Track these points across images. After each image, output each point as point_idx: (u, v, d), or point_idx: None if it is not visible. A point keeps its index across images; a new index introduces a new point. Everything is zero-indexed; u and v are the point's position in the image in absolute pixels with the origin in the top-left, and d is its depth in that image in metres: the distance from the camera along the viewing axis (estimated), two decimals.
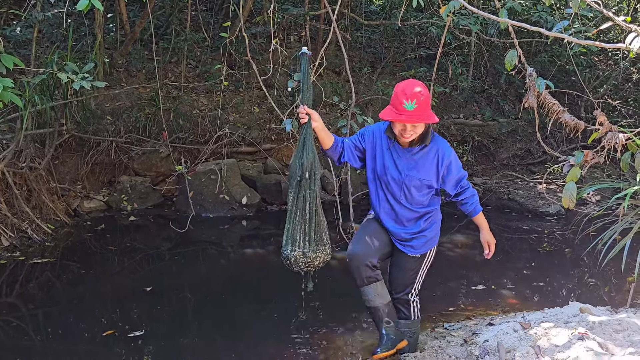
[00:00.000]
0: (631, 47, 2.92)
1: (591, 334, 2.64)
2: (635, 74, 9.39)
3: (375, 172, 2.88)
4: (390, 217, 2.90)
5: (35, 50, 5.57)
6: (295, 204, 2.67)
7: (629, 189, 3.66)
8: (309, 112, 2.67)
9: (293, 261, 2.69)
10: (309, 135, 2.68)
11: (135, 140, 6.52)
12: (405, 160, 2.81)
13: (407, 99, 2.61)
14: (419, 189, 2.82)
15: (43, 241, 5.03)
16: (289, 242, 2.68)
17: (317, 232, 2.69)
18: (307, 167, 2.65)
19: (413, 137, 2.71)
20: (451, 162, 2.82)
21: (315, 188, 2.68)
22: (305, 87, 2.69)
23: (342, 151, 2.86)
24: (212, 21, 8.11)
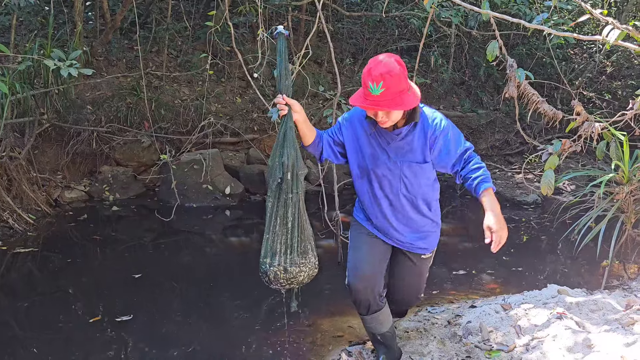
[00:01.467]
0: (607, 39, 3.03)
1: (569, 314, 2.76)
2: (609, 67, 9.63)
3: (362, 166, 2.46)
4: (391, 218, 2.48)
5: (14, 37, 5.48)
6: (275, 210, 2.26)
7: (603, 176, 3.80)
8: (288, 103, 2.27)
9: (272, 277, 2.28)
10: (289, 128, 2.28)
11: (116, 130, 6.47)
12: (396, 144, 2.39)
13: (372, 81, 2.17)
14: (420, 174, 2.42)
15: (25, 231, 4.99)
16: (268, 254, 2.27)
17: (301, 242, 2.28)
18: (288, 167, 2.24)
19: (388, 123, 2.30)
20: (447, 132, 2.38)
21: (299, 191, 2.27)
22: (283, 72, 2.29)
23: (322, 147, 2.48)
24: (193, 10, 8.06)
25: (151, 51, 7.63)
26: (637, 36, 3.14)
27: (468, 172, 2.37)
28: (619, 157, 3.67)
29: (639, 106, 3.39)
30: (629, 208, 3.83)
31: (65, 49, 5.63)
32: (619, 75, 9.72)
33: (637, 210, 3.87)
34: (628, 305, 2.89)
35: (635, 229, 3.96)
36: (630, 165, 3.74)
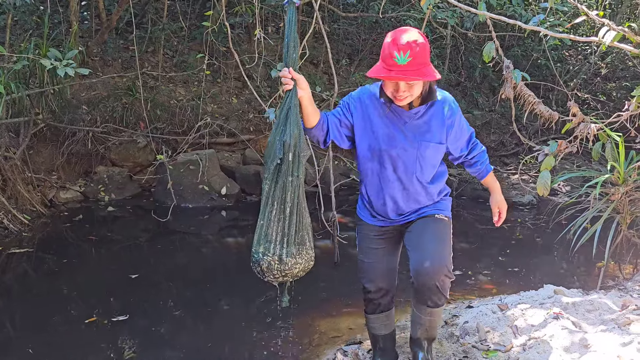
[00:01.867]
0: (603, 40, 3.05)
1: (565, 314, 2.77)
2: (603, 68, 9.68)
3: (375, 148, 2.27)
4: (401, 202, 2.34)
5: (9, 37, 5.45)
6: (272, 194, 2.08)
7: (599, 177, 3.82)
8: (294, 77, 2.08)
9: (265, 268, 2.09)
10: (293, 106, 2.09)
11: (112, 130, 6.45)
12: (414, 124, 2.25)
13: (399, 50, 2.03)
14: (434, 156, 2.31)
15: (20, 231, 4.97)
16: (262, 243, 2.08)
17: (299, 232, 2.10)
18: (290, 147, 2.06)
19: (408, 99, 2.16)
20: (460, 116, 2.34)
21: (300, 174, 2.08)
22: (292, 44, 2.10)
23: (328, 129, 2.28)
24: (189, 10, 8.05)
25: (147, 51, 7.61)
26: (632, 37, 3.15)
27: (475, 155, 2.43)
28: (614, 158, 3.68)
29: (634, 107, 3.40)
30: (624, 209, 3.84)
31: (60, 49, 5.61)
32: (614, 76, 9.77)
33: (632, 211, 3.88)
34: (624, 305, 2.90)
35: (631, 230, 3.98)
36: (625, 166, 3.75)
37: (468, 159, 2.44)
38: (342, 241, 4.46)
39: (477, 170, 2.46)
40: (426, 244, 2.27)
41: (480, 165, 2.44)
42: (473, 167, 2.47)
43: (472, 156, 2.43)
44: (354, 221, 2.60)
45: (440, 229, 2.33)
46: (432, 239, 2.28)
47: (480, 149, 2.44)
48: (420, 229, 2.33)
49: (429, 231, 2.30)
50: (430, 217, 2.34)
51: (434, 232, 2.31)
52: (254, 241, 2.12)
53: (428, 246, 2.26)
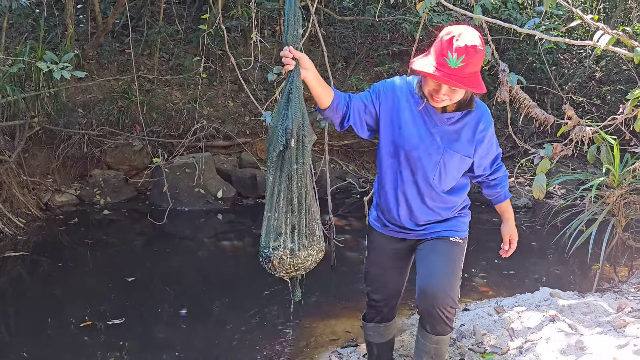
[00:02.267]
0: (598, 44, 3.07)
1: (561, 316, 2.78)
2: (598, 72, 9.73)
3: (398, 144, 2.10)
4: (416, 208, 2.16)
5: (4, 40, 5.44)
6: (277, 184, 1.95)
7: (594, 180, 3.83)
8: (296, 56, 1.90)
9: (277, 263, 1.98)
10: (295, 87, 1.92)
11: (107, 134, 6.43)
12: (445, 129, 2.08)
13: (454, 52, 1.86)
14: (458, 167, 2.13)
15: (15, 235, 4.95)
16: (271, 237, 1.97)
17: (309, 222, 1.98)
18: (292, 132, 1.91)
19: (445, 103, 2.01)
20: (492, 133, 2.17)
21: (305, 161, 1.95)
22: (292, 20, 1.92)
23: (347, 112, 2.08)
24: (185, 14, 8.05)
25: (143, 54, 7.61)
26: (627, 41, 3.17)
27: (497, 178, 2.24)
28: (609, 161, 3.70)
29: (629, 111, 3.43)
30: (619, 211, 3.86)
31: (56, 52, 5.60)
32: (608, 80, 9.82)
33: (627, 214, 3.90)
34: (619, 307, 2.92)
35: (626, 232, 4.00)
36: (620, 169, 3.77)
37: (488, 180, 2.24)
38: (338, 244, 4.46)
39: (496, 193, 2.25)
40: (433, 270, 2.12)
41: (500, 189, 2.24)
42: (492, 189, 2.26)
43: (494, 178, 2.23)
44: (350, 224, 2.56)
45: (452, 254, 2.16)
46: (441, 265, 2.12)
47: (503, 172, 2.25)
48: (430, 252, 2.17)
49: (438, 256, 2.14)
50: (443, 240, 2.17)
51: (444, 258, 2.14)
52: (262, 235, 2.00)
53: (435, 273, 2.11)
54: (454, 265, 2.15)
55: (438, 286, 2.07)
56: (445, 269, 2.11)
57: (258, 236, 2.08)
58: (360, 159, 7.86)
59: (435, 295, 2.06)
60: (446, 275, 2.11)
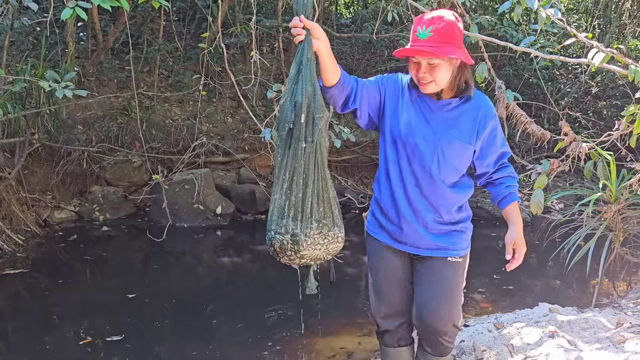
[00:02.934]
0: (593, 62, 3.12)
1: (561, 332, 2.79)
2: (594, 87, 9.82)
3: (394, 133, 2.03)
4: (415, 199, 2.03)
5: (6, 58, 5.49)
6: (284, 164, 1.82)
7: (591, 195, 3.86)
8: (307, 25, 1.79)
9: (278, 248, 1.82)
10: (307, 59, 1.79)
11: (107, 150, 6.46)
12: (441, 116, 2.01)
13: (421, 25, 1.88)
14: (457, 156, 2.02)
15: (14, 252, 4.95)
16: (273, 219, 1.84)
17: (319, 206, 1.83)
18: (302, 107, 1.78)
19: (432, 87, 1.94)
20: (497, 126, 2.05)
21: (315, 139, 1.80)
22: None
23: (354, 93, 1.97)
24: (185, 31, 8.13)
25: (142, 71, 7.67)
26: (621, 59, 3.22)
27: (503, 177, 2.09)
28: (606, 177, 3.74)
29: (624, 127, 3.47)
30: (617, 226, 3.88)
31: (57, 70, 5.65)
32: (604, 95, 9.91)
33: (625, 229, 3.92)
34: (618, 323, 2.92)
35: (624, 247, 4.02)
36: (617, 184, 3.80)
37: (493, 178, 2.11)
38: (337, 260, 4.46)
39: (501, 193, 2.08)
40: (432, 297, 2.03)
41: (505, 189, 2.07)
42: (496, 188, 2.10)
43: (499, 177, 2.09)
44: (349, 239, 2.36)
45: (451, 277, 2.05)
46: (440, 291, 2.03)
47: (509, 173, 2.10)
48: (428, 276, 2.06)
49: (437, 282, 2.04)
50: (441, 261, 2.06)
51: (443, 283, 2.04)
52: (268, 217, 1.87)
53: (433, 300, 2.02)
54: (453, 289, 2.06)
55: (437, 315, 2.01)
56: (444, 296, 2.03)
57: (258, 253, 2.02)
58: (359, 174, 7.89)
59: (434, 324, 2.02)
60: (445, 301, 2.03)
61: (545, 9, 3.32)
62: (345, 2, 11.54)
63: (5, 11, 4.81)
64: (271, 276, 4.72)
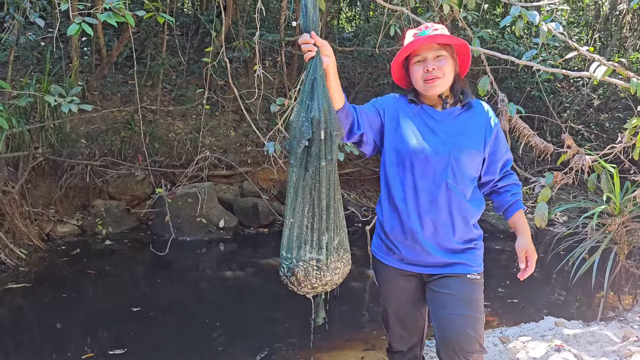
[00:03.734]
0: (595, 75, 3.13)
1: (567, 346, 2.76)
2: (595, 100, 9.84)
3: (402, 151, 1.96)
4: (429, 217, 1.93)
5: (11, 72, 5.53)
6: (301, 184, 1.72)
7: (595, 208, 3.85)
8: (318, 43, 1.75)
9: (302, 276, 1.71)
10: (319, 76, 1.73)
11: (110, 164, 6.49)
12: (448, 124, 1.97)
13: (420, 28, 1.98)
14: (471, 163, 1.96)
15: (17, 266, 4.94)
16: (294, 245, 1.71)
17: (337, 228, 1.75)
18: (320, 124, 1.69)
19: (440, 82, 1.93)
20: (499, 130, 2.02)
21: (333, 157, 1.73)
22: (309, 5, 1.76)
23: (356, 119, 1.93)
24: (188, 45, 8.19)
25: (146, 85, 7.71)
26: (622, 72, 3.24)
27: (509, 184, 2.05)
28: (610, 189, 3.73)
29: (627, 139, 3.47)
30: (621, 239, 3.87)
31: (61, 84, 5.69)
32: (606, 107, 9.93)
33: (629, 241, 3.91)
34: (625, 336, 2.90)
35: (629, 260, 4.00)
36: (621, 197, 3.79)
37: (497, 187, 2.06)
38: None
39: (506, 202, 2.03)
40: (454, 316, 1.90)
41: (511, 197, 2.03)
42: (501, 197, 2.05)
43: (503, 185, 2.05)
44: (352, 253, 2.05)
45: (472, 294, 1.94)
46: (462, 309, 1.90)
47: (514, 181, 2.07)
48: (447, 294, 1.94)
49: (458, 299, 1.92)
50: (459, 278, 1.94)
51: (465, 300, 1.92)
52: (284, 244, 1.75)
53: (456, 319, 1.89)
54: (475, 307, 1.93)
55: (464, 335, 1.86)
56: (467, 313, 1.89)
57: (260, 266, 1.91)
58: (362, 188, 7.89)
59: (462, 344, 1.86)
60: (469, 320, 1.89)
61: (546, 23, 3.34)
62: (347, 16, 11.63)
63: (11, 27, 4.87)
64: (274, 290, 4.70)
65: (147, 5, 3.37)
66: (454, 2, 3.76)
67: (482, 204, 2.03)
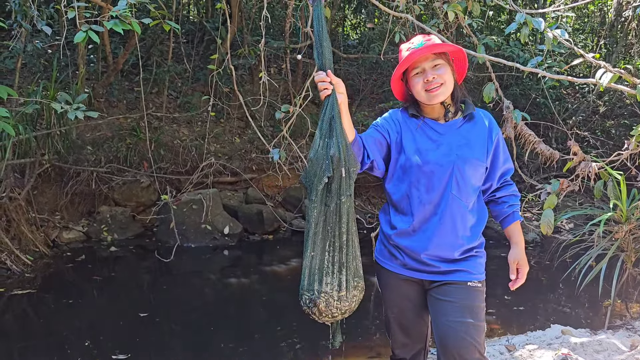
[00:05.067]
0: (600, 82, 3.12)
1: (574, 355, 2.74)
2: (601, 106, 9.81)
3: (406, 165, 1.99)
4: (434, 227, 1.96)
5: (18, 80, 5.57)
6: (323, 220, 1.79)
7: (602, 215, 3.83)
8: (333, 81, 1.80)
9: (324, 307, 1.78)
10: (337, 115, 1.79)
11: (115, 170, 6.51)
12: (451, 136, 2.00)
13: (413, 41, 1.99)
14: (474, 174, 1.98)
15: (22, 272, 4.95)
16: (315, 278, 1.79)
17: (354, 259, 1.84)
18: (341, 162, 1.77)
19: (442, 89, 1.96)
20: (500, 139, 2.05)
21: (351, 192, 1.82)
22: (324, 44, 1.82)
23: (366, 149, 1.97)
24: (193, 53, 8.23)
25: (151, 92, 7.75)
26: (629, 79, 3.22)
27: (507, 195, 2.08)
28: (616, 197, 3.70)
29: (634, 146, 3.45)
30: (628, 247, 3.84)
31: (68, 91, 5.72)
32: (612, 114, 9.89)
33: (637, 249, 3.88)
34: (632, 345, 2.87)
35: (636, 268, 3.96)
36: (628, 204, 3.77)
37: (496, 197, 2.09)
38: None
39: (503, 212, 2.06)
40: (455, 323, 1.90)
41: (508, 208, 2.06)
42: (499, 207, 2.09)
43: (502, 195, 2.08)
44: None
45: (473, 302, 1.94)
46: (462, 317, 1.90)
47: (511, 192, 2.09)
48: (448, 301, 1.94)
49: (459, 307, 1.92)
50: (460, 286, 1.95)
51: (466, 308, 1.92)
52: (305, 277, 1.81)
53: (457, 326, 1.89)
54: (476, 315, 1.92)
55: (464, 342, 1.87)
56: (466, 321, 1.89)
57: (265, 273, 1.93)
58: (367, 194, 7.88)
59: (461, 352, 1.86)
60: (469, 328, 1.88)
61: (552, 30, 3.34)
62: (351, 23, 11.66)
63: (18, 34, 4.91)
64: (278, 297, 4.69)
65: (154, 12, 3.39)
66: (459, 9, 3.77)
67: (485, 214, 2.04)
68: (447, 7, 3.74)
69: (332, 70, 1.82)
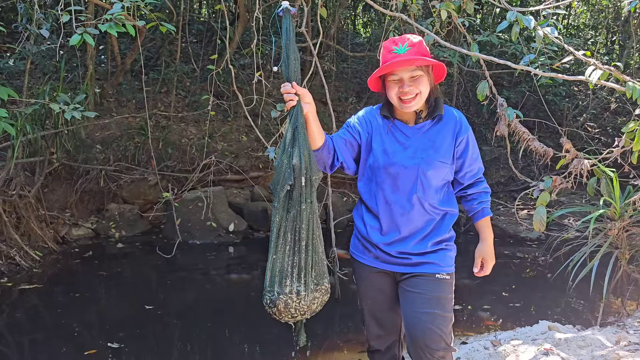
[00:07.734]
0: (590, 79, 3.13)
1: (556, 350, 2.77)
2: (612, 103, 9.70)
3: (374, 166, 2.07)
4: (401, 225, 2.05)
5: (28, 81, 5.73)
6: (284, 225, 1.87)
7: (593, 213, 3.83)
8: (299, 92, 1.87)
9: (283, 307, 1.87)
10: (300, 124, 1.87)
11: (124, 169, 6.65)
12: (418, 139, 2.05)
13: (397, 43, 1.99)
14: (438, 176, 2.05)
15: (31, 268, 5.11)
16: (276, 280, 1.86)
17: (316, 263, 1.90)
18: (301, 170, 1.85)
19: (417, 100, 1.99)
20: (469, 139, 2.10)
21: (313, 200, 1.88)
22: (291, 55, 1.89)
23: (334, 150, 2.05)
24: (202, 53, 8.35)
25: (160, 92, 7.89)
26: (618, 76, 3.23)
27: (477, 192, 2.15)
28: (609, 194, 3.71)
29: (625, 143, 3.45)
30: (622, 244, 3.83)
31: (77, 91, 5.88)
32: (624, 110, 9.77)
33: (631, 246, 3.87)
34: (617, 341, 2.89)
35: (631, 265, 3.95)
36: (621, 201, 3.76)
37: (467, 193, 2.17)
38: (342, 277, 4.48)
39: (473, 209, 2.16)
40: (421, 314, 1.98)
41: (477, 205, 2.14)
42: (469, 203, 2.17)
43: (472, 192, 2.16)
44: None
45: (440, 293, 2.02)
46: (429, 308, 1.98)
47: (483, 189, 2.16)
48: (416, 293, 2.02)
49: (426, 298, 2.00)
50: (428, 278, 2.03)
51: (432, 299, 2.00)
52: (267, 279, 1.89)
53: (423, 317, 1.97)
54: (443, 306, 2.00)
55: (430, 332, 1.95)
56: (433, 312, 1.97)
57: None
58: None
59: (427, 342, 1.94)
60: (435, 318, 1.97)
61: (542, 28, 3.36)
62: (363, 21, 11.70)
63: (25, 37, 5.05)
64: None
65: (150, 15, 3.49)
66: (452, 8, 3.79)
67: (455, 208, 2.12)
68: (440, 6, 3.77)
69: (298, 81, 1.89)
